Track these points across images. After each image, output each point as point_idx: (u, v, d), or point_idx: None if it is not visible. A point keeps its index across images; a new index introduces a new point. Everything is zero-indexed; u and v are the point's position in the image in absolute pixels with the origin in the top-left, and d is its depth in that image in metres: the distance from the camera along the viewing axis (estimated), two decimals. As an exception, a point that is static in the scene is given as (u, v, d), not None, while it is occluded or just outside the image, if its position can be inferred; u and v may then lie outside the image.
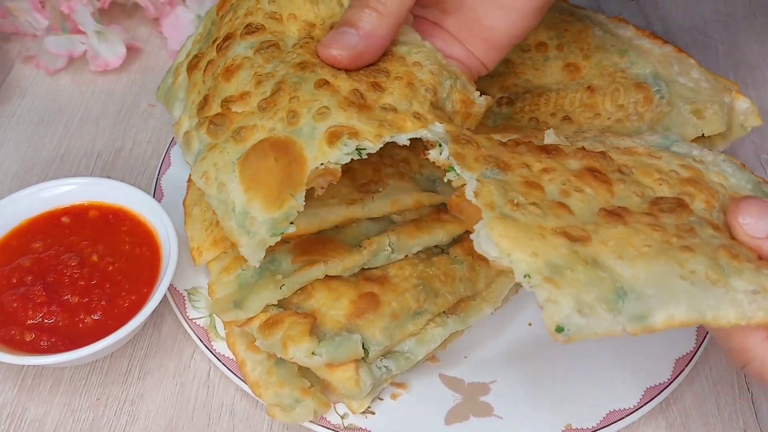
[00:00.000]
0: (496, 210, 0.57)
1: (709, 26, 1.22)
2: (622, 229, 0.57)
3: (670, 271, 0.55)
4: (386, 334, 0.73)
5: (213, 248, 0.81)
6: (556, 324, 0.52)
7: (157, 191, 0.92)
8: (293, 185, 0.65)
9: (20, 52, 1.16)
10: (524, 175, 0.61)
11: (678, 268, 0.55)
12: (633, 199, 0.61)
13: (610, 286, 0.54)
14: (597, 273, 0.54)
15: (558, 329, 0.53)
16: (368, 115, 0.67)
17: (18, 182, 0.99)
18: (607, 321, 0.52)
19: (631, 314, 0.53)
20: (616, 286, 0.54)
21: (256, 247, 0.66)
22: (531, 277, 0.54)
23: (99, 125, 1.07)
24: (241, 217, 0.66)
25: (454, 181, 0.63)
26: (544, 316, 0.53)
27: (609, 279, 0.54)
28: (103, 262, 0.80)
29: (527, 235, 0.55)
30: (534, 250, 0.55)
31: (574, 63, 0.93)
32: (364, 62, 0.72)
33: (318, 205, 0.80)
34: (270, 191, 0.65)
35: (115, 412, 0.78)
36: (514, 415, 0.75)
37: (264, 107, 0.69)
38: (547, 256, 0.54)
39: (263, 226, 0.65)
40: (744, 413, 0.78)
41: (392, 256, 0.78)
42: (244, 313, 0.75)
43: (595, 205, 0.60)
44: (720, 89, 0.88)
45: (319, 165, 0.65)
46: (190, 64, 0.79)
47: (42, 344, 0.74)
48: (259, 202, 0.65)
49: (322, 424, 0.73)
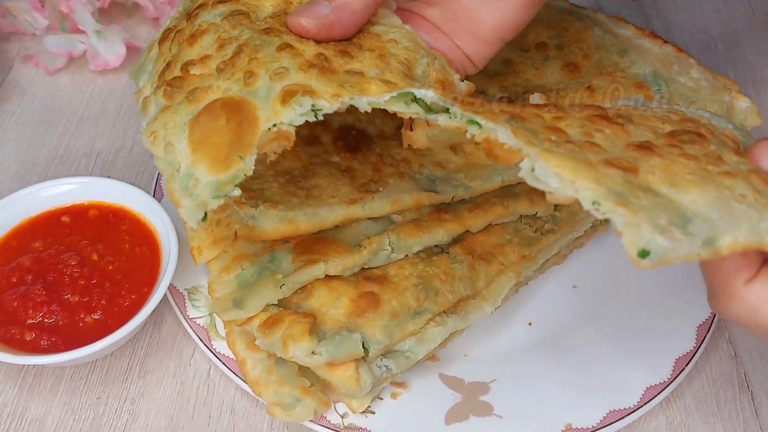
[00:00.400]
0: (537, 146, 0.54)
1: (709, 26, 1.22)
2: (660, 160, 0.55)
3: (725, 196, 0.53)
4: (386, 334, 0.73)
5: (213, 247, 0.81)
6: (639, 248, 0.49)
7: (157, 191, 0.92)
8: (243, 147, 0.61)
9: (20, 51, 1.16)
10: (542, 123, 0.59)
11: (728, 192, 0.53)
12: (648, 135, 0.59)
13: (675, 211, 0.51)
14: (658, 200, 0.52)
15: (642, 254, 0.49)
16: (329, 77, 0.63)
17: (18, 182, 0.99)
18: (686, 244, 0.50)
19: (702, 237, 0.51)
20: (680, 212, 0.52)
21: (196, 209, 0.62)
22: (600, 203, 0.50)
23: (99, 125, 1.06)
24: (185, 178, 0.63)
25: (477, 135, 0.58)
26: (626, 242, 0.49)
27: (672, 205, 0.52)
28: (103, 262, 0.80)
29: (581, 165, 0.52)
30: (595, 178, 0.51)
31: (574, 63, 0.93)
32: (334, 35, 0.68)
33: (318, 204, 0.80)
34: (218, 153, 0.62)
35: (116, 411, 0.78)
36: (514, 414, 0.75)
37: (222, 68, 0.66)
38: (609, 184, 0.51)
39: (206, 188, 0.62)
40: (744, 411, 0.78)
41: (392, 255, 0.78)
42: (244, 312, 0.75)
43: (620, 143, 0.58)
44: (720, 88, 0.88)
45: (272, 127, 0.62)
46: (162, 36, 0.76)
47: (42, 344, 0.74)
48: (205, 163, 0.62)
49: (322, 423, 0.73)
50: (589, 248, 0.90)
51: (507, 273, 0.81)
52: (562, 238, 0.85)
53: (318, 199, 0.81)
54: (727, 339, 0.84)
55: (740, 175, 0.56)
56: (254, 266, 0.78)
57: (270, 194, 0.82)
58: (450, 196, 0.82)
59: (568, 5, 1.02)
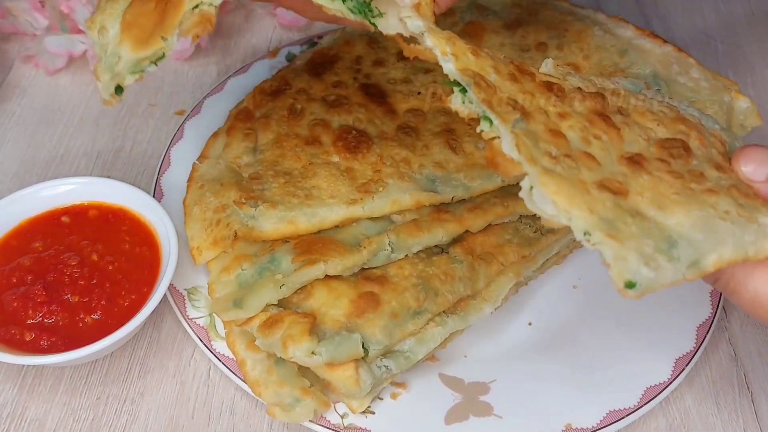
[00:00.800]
0: (538, 164, 0.56)
1: (709, 26, 1.22)
2: (648, 179, 0.58)
3: (709, 215, 0.55)
4: (386, 334, 0.73)
5: (213, 248, 0.81)
6: (626, 280, 0.52)
7: (157, 191, 0.92)
8: (165, 27, 0.66)
9: (20, 51, 1.16)
10: (545, 123, 0.60)
11: (713, 210, 0.56)
12: (641, 143, 0.62)
13: (661, 236, 0.54)
14: (645, 224, 0.54)
15: (628, 285, 0.52)
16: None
17: (18, 182, 0.99)
18: (671, 271, 0.53)
19: (687, 261, 0.53)
20: (665, 235, 0.54)
21: (110, 81, 0.69)
22: (591, 234, 0.53)
23: (99, 125, 1.06)
24: (110, 57, 0.69)
25: (485, 132, 0.60)
26: (614, 274, 0.52)
27: (657, 230, 0.54)
28: (103, 262, 0.80)
29: (577, 191, 0.55)
30: (588, 206, 0.54)
31: (574, 63, 0.93)
32: None
33: (318, 205, 0.80)
34: (142, 33, 0.68)
35: (116, 411, 0.78)
36: (514, 414, 0.75)
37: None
38: (600, 211, 0.54)
39: (126, 64, 0.68)
40: (744, 412, 0.78)
41: (392, 255, 0.78)
42: (244, 312, 0.75)
43: (614, 153, 0.60)
44: (720, 89, 0.88)
45: (194, 8, 0.66)
46: None
47: (42, 344, 0.74)
48: (129, 43, 0.68)
49: (322, 423, 0.73)
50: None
51: (507, 273, 0.81)
52: (562, 238, 0.85)
53: (318, 200, 0.81)
54: (727, 339, 0.84)
55: (722, 191, 0.58)
56: (254, 266, 0.78)
57: (270, 194, 0.82)
58: (450, 196, 0.82)
59: (569, 5, 1.02)
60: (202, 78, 1.13)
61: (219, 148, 0.91)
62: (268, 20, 1.22)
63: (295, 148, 0.87)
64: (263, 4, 1.22)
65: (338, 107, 0.90)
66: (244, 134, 0.90)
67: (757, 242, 0.55)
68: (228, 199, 0.83)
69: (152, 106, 1.09)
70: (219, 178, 0.86)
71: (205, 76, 1.13)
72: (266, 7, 1.22)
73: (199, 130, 0.97)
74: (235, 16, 1.23)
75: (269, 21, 1.22)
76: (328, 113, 0.89)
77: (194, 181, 0.88)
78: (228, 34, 1.20)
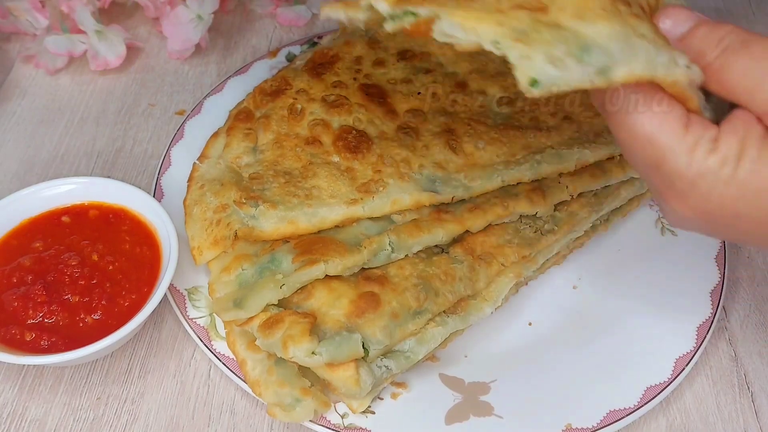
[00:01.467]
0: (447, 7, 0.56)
1: (709, 26, 1.21)
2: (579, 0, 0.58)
3: (628, 32, 0.56)
4: (386, 334, 0.73)
5: (213, 248, 0.81)
6: (529, 77, 0.53)
7: (157, 191, 0.92)
8: None
9: (20, 51, 1.16)
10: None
11: (631, 30, 0.56)
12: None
13: (576, 42, 0.55)
14: (561, 33, 0.55)
15: (532, 83, 0.53)
16: None
17: (18, 182, 0.99)
18: (578, 72, 0.53)
19: (597, 66, 0.54)
20: (581, 42, 0.55)
21: None
22: (500, 42, 0.53)
23: (99, 125, 1.07)
24: None
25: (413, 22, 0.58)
26: (518, 73, 0.53)
27: (574, 37, 0.55)
28: (103, 262, 0.80)
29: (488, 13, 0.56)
30: (498, 20, 0.55)
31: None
32: None
33: (318, 205, 0.80)
34: None
35: (116, 411, 0.78)
36: (514, 414, 0.75)
37: None
38: (512, 24, 0.55)
39: None
40: (744, 412, 0.78)
41: (392, 255, 0.78)
42: (244, 312, 0.75)
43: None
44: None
45: None
46: None
47: (42, 344, 0.74)
48: None
49: (323, 423, 0.73)
50: (589, 248, 0.90)
51: (507, 273, 0.81)
52: (562, 238, 0.85)
53: (318, 199, 0.81)
54: (727, 340, 0.84)
55: (646, 20, 0.58)
56: (254, 266, 0.78)
57: (270, 194, 0.82)
58: (450, 196, 0.82)
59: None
60: (202, 78, 1.13)
61: (219, 148, 0.91)
62: (268, 20, 1.22)
63: (295, 148, 0.87)
64: (263, 4, 1.22)
65: (338, 107, 0.90)
66: (244, 134, 0.90)
67: (669, 67, 0.56)
68: (228, 199, 0.83)
69: (152, 106, 1.09)
70: (219, 178, 0.86)
71: (205, 76, 1.13)
72: (266, 7, 1.22)
73: (200, 130, 0.97)
74: (235, 16, 1.23)
75: (269, 21, 1.22)
76: (329, 113, 0.89)
77: (194, 181, 0.88)
78: (228, 34, 1.20)
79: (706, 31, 0.59)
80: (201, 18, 1.12)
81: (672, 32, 0.60)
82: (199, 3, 1.12)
